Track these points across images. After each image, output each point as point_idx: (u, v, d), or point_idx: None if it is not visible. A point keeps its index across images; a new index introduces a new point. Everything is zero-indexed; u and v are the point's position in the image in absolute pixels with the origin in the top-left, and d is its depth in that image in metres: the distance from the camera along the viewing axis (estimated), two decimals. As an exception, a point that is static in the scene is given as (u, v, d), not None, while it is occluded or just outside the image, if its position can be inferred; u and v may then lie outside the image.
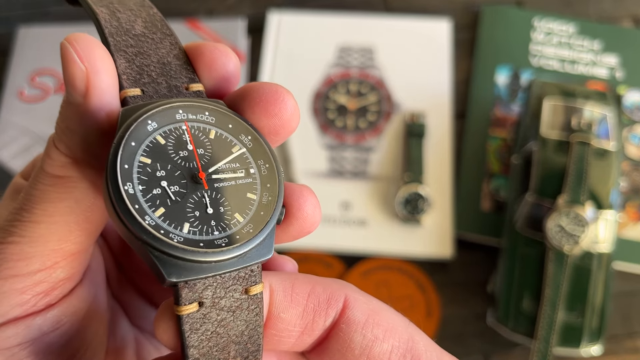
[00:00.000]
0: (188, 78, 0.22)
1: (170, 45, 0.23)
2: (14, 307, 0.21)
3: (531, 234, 0.59)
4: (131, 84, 0.21)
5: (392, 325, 0.22)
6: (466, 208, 0.68)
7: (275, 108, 0.22)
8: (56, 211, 0.21)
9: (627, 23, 0.79)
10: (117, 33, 0.22)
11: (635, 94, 0.74)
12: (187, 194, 0.20)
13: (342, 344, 0.22)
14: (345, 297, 0.22)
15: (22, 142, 0.72)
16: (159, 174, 0.20)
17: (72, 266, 0.22)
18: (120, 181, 0.19)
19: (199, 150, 0.21)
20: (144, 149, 0.20)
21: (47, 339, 0.22)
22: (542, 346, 0.56)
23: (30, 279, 0.21)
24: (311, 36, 0.78)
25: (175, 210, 0.20)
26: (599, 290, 0.58)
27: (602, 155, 0.59)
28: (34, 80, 0.75)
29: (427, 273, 0.66)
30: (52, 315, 0.22)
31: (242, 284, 0.20)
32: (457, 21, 0.79)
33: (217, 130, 0.22)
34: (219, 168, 0.21)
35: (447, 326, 0.63)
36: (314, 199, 0.23)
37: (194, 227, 0.20)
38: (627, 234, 0.66)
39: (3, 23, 0.81)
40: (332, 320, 0.22)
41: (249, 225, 0.21)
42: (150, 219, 0.19)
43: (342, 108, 0.74)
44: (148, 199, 0.19)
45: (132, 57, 0.22)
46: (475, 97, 0.74)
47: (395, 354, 0.22)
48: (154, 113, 0.20)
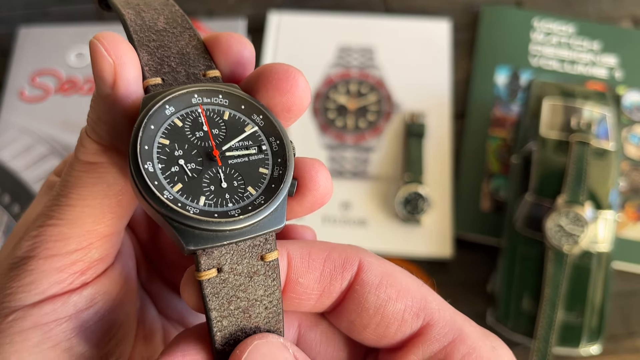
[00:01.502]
0: (205, 65, 0.24)
1: (189, 38, 0.25)
2: (52, 285, 0.23)
3: (531, 233, 0.59)
4: (153, 74, 0.23)
5: (405, 286, 0.23)
6: (466, 208, 0.68)
7: (287, 85, 0.23)
8: (90, 195, 0.23)
9: (627, 23, 0.79)
10: (141, 30, 0.24)
11: (635, 94, 0.74)
12: (203, 170, 0.22)
13: (358, 305, 0.23)
14: (359, 260, 0.24)
15: (23, 142, 0.72)
16: (176, 153, 0.22)
17: (105, 247, 0.24)
18: (141, 161, 0.21)
19: (213, 131, 0.23)
20: (162, 131, 0.22)
21: (81, 315, 0.23)
22: (542, 346, 0.56)
23: (68, 258, 0.23)
24: (311, 36, 0.78)
25: (192, 185, 0.22)
26: (598, 290, 0.58)
27: (601, 155, 0.59)
28: (34, 81, 0.75)
29: (427, 273, 0.66)
30: (87, 293, 0.24)
31: (258, 251, 0.22)
32: (456, 21, 0.79)
33: (231, 111, 0.23)
34: (232, 146, 0.23)
35: (447, 326, 0.64)
36: (325, 171, 0.24)
37: (209, 200, 0.22)
38: (627, 234, 0.66)
39: (4, 23, 0.81)
40: (347, 283, 0.23)
41: (261, 197, 0.22)
42: (168, 194, 0.21)
43: (342, 108, 0.74)
44: (167, 175, 0.22)
45: (154, 50, 0.24)
46: (475, 97, 0.74)
47: (408, 312, 0.23)
48: (171, 98, 0.22)
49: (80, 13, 0.82)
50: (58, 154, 0.71)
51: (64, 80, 0.76)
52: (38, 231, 0.23)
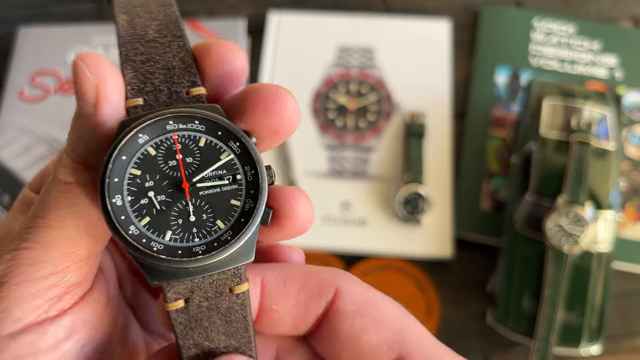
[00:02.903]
0: (190, 82, 0.23)
1: (177, 48, 0.24)
2: (27, 312, 0.22)
3: (531, 233, 0.59)
4: (134, 94, 0.23)
5: (385, 316, 0.23)
6: (466, 208, 0.68)
7: (275, 108, 0.22)
8: (67, 216, 0.22)
9: (627, 23, 0.79)
10: (130, 41, 0.23)
11: (635, 94, 0.74)
12: (172, 202, 0.22)
13: (332, 332, 0.23)
14: (337, 287, 0.23)
15: (23, 142, 0.72)
16: (147, 184, 0.22)
17: (83, 270, 0.23)
18: (108, 195, 0.21)
19: (187, 159, 0.22)
20: (135, 161, 0.22)
21: (62, 346, 0.23)
22: (542, 346, 0.56)
23: (43, 283, 0.22)
24: (311, 36, 0.78)
25: (160, 219, 0.21)
26: (598, 290, 0.58)
27: (601, 155, 0.59)
28: (34, 81, 0.75)
29: (427, 273, 0.66)
30: (65, 322, 0.23)
31: (226, 284, 0.22)
32: (456, 21, 0.79)
33: (207, 137, 0.22)
34: (204, 176, 0.22)
35: (447, 326, 0.64)
36: (306, 201, 0.23)
37: (175, 235, 0.22)
38: (627, 234, 0.66)
39: (4, 23, 0.81)
40: (323, 310, 0.23)
41: (229, 232, 0.22)
42: (134, 229, 0.21)
43: (342, 108, 0.74)
44: (135, 209, 0.21)
45: (139, 66, 0.23)
46: (475, 97, 0.74)
47: (383, 345, 0.22)
48: (145, 126, 0.22)
49: (80, 13, 0.82)
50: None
51: (63, 80, 0.76)
52: (11, 255, 0.22)
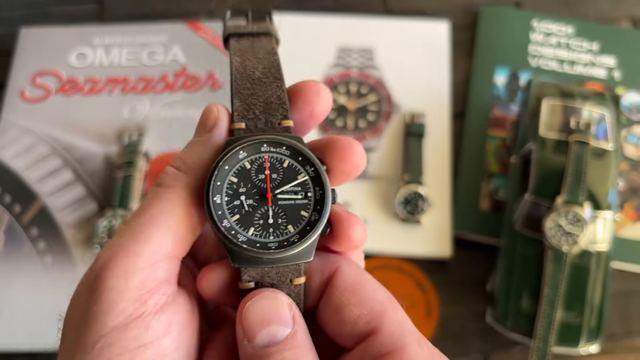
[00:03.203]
0: (282, 115, 0.29)
1: (276, 88, 0.30)
2: (129, 303, 0.25)
3: (530, 233, 0.59)
4: (239, 119, 0.29)
5: (369, 296, 0.27)
6: (465, 208, 0.69)
7: (348, 155, 0.29)
8: (159, 214, 0.26)
9: (626, 24, 0.79)
10: (241, 78, 0.30)
11: (633, 94, 0.74)
12: (257, 207, 0.28)
13: (325, 302, 0.28)
14: (337, 267, 0.28)
15: (24, 142, 0.72)
16: (241, 190, 0.28)
17: (169, 268, 0.27)
18: (212, 193, 0.27)
19: (272, 175, 0.28)
20: (234, 171, 0.28)
21: (160, 342, 0.25)
22: (541, 345, 0.56)
23: (139, 275, 0.25)
24: (311, 37, 0.78)
25: (246, 217, 0.28)
26: (597, 290, 0.58)
27: (600, 155, 0.60)
28: (35, 81, 0.76)
29: (427, 272, 0.66)
30: (163, 319, 0.26)
31: (288, 275, 0.28)
32: (456, 22, 0.79)
33: (290, 160, 0.29)
34: (284, 190, 0.28)
35: (447, 325, 0.64)
36: (358, 227, 0.29)
37: (256, 232, 0.27)
38: (625, 234, 0.67)
39: (5, 23, 0.82)
40: (322, 283, 0.28)
41: (296, 235, 0.27)
42: (227, 222, 0.27)
43: (342, 108, 0.74)
44: (229, 207, 0.28)
45: (245, 97, 0.29)
46: (474, 97, 0.74)
47: (361, 319, 0.26)
48: (245, 146, 0.28)
49: (81, 14, 0.82)
50: (59, 154, 0.71)
51: (64, 80, 0.76)
52: (111, 250, 0.25)
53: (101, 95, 0.75)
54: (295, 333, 0.26)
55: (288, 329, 0.26)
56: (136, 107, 0.74)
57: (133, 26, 0.80)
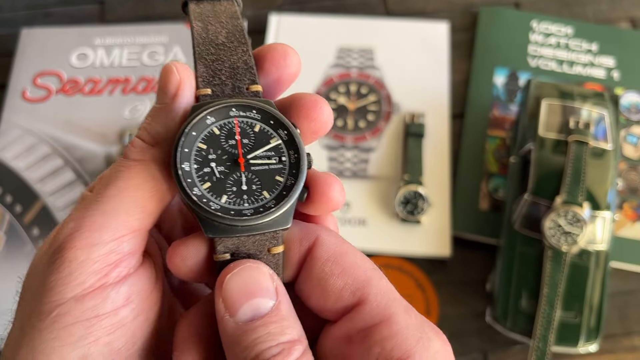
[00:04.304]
0: (250, 80, 0.28)
1: (241, 52, 0.29)
2: (89, 276, 0.24)
3: (529, 233, 0.59)
4: (204, 85, 0.27)
5: (351, 266, 0.26)
6: (465, 208, 0.69)
7: (314, 113, 0.28)
8: (126, 187, 0.25)
9: (624, 24, 0.80)
10: (203, 43, 0.28)
11: (632, 94, 0.74)
12: (229, 173, 0.26)
13: (306, 274, 0.26)
14: (317, 237, 0.27)
15: (25, 142, 0.72)
16: (210, 156, 0.26)
17: (135, 242, 0.26)
18: (180, 161, 0.26)
19: (244, 140, 0.27)
20: (202, 137, 0.26)
21: (119, 312, 0.25)
22: (540, 344, 0.57)
23: (103, 248, 0.25)
24: (311, 37, 0.79)
25: (218, 185, 0.26)
26: (596, 289, 0.58)
27: (599, 155, 0.60)
28: (36, 81, 0.76)
29: (426, 272, 0.66)
30: (123, 290, 0.25)
31: (266, 244, 0.26)
32: (455, 23, 0.79)
33: (261, 124, 0.27)
34: (256, 155, 0.27)
35: (446, 324, 0.64)
36: (337, 185, 0.27)
37: (230, 199, 0.26)
38: (624, 233, 0.67)
39: (6, 24, 0.82)
40: (303, 255, 0.27)
41: (272, 201, 0.26)
42: (197, 190, 0.26)
43: (342, 108, 0.75)
44: (199, 175, 0.26)
45: (210, 63, 0.28)
46: (473, 97, 0.75)
47: (346, 290, 0.25)
48: (213, 110, 0.26)
49: (82, 14, 0.83)
50: (59, 154, 0.72)
51: (65, 80, 0.76)
52: (76, 222, 0.25)
53: (102, 95, 0.75)
54: (279, 304, 0.25)
55: (272, 300, 0.24)
56: (137, 108, 0.74)
57: (134, 27, 0.80)
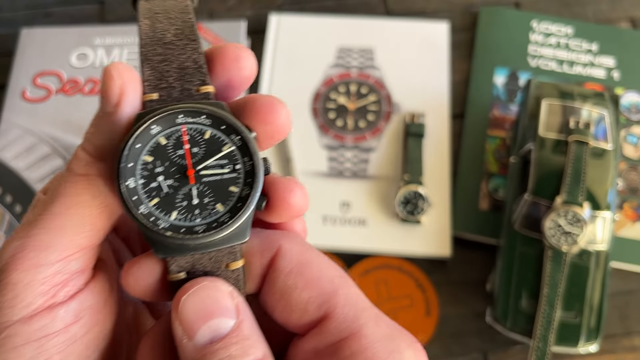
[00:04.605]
0: (200, 81, 0.26)
1: (191, 51, 0.26)
2: (36, 297, 0.23)
3: (529, 233, 0.59)
4: (151, 90, 0.25)
5: (316, 277, 0.24)
6: (465, 208, 0.69)
7: (270, 117, 0.25)
8: (74, 204, 0.24)
9: (625, 24, 0.80)
10: (150, 43, 0.26)
11: (633, 94, 0.74)
12: (179, 187, 0.25)
13: (269, 288, 0.25)
14: (278, 246, 0.25)
15: (25, 142, 0.72)
16: (157, 170, 0.25)
17: (84, 259, 0.25)
18: (124, 177, 0.24)
19: (193, 149, 0.25)
20: (148, 149, 0.25)
21: (70, 329, 0.24)
22: (540, 344, 0.57)
23: (49, 269, 0.23)
24: (311, 37, 0.78)
25: (167, 200, 0.24)
26: (596, 289, 0.58)
27: (599, 155, 0.60)
28: (36, 81, 0.76)
29: (426, 272, 0.66)
30: (72, 307, 0.24)
31: (223, 260, 0.25)
32: (455, 23, 0.79)
33: (212, 130, 0.25)
34: (207, 164, 0.25)
35: (446, 325, 0.64)
36: (299, 191, 0.26)
37: (180, 215, 0.24)
38: (624, 233, 0.67)
39: (6, 24, 0.82)
40: (264, 267, 0.25)
41: (226, 214, 0.25)
42: (144, 208, 0.24)
43: (342, 108, 0.75)
44: (146, 190, 0.24)
45: (157, 65, 0.26)
46: (473, 97, 0.75)
47: (311, 303, 0.24)
48: (158, 119, 0.24)
49: (82, 14, 0.83)
50: (59, 154, 0.72)
51: (65, 80, 0.76)
52: (21, 241, 0.23)
53: (102, 95, 0.75)
54: (240, 324, 0.23)
55: (232, 320, 0.23)
56: (137, 108, 0.74)
57: (134, 27, 0.80)
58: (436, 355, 0.63)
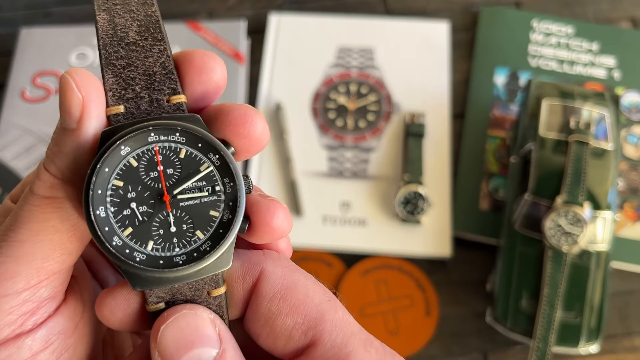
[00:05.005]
0: (170, 89, 0.23)
1: (158, 53, 0.24)
2: (2, 328, 0.22)
3: (529, 233, 0.59)
4: (115, 101, 0.23)
5: (301, 303, 0.23)
6: (465, 208, 0.69)
7: (244, 130, 0.23)
8: (41, 230, 0.22)
9: (625, 24, 0.79)
10: (110, 44, 0.23)
11: (633, 94, 0.74)
12: (154, 213, 0.22)
13: (252, 313, 0.24)
14: (261, 270, 0.24)
15: (24, 142, 0.72)
16: (129, 195, 0.22)
17: (55, 285, 0.23)
18: (92, 207, 0.21)
19: (168, 170, 0.23)
20: (117, 173, 0.22)
21: (38, 358, 0.23)
22: (541, 345, 0.56)
23: (16, 298, 0.22)
24: (311, 37, 0.78)
25: (142, 229, 0.22)
26: (597, 290, 0.58)
27: (600, 155, 0.60)
28: (35, 81, 0.76)
29: (427, 272, 0.66)
30: (40, 335, 0.23)
31: (205, 288, 0.23)
32: (456, 22, 0.79)
33: (188, 149, 0.23)
34: (185, 188, 0.23)
35: (447, 325, 0.64)
36: (281, 213, 0.24)
37: (157, 245, 0.22)
38: (625, 234, 0.67)
39: (5, 24, 0.82)
40: (247, 291, 0.24)
41: (207, 242, 0.23)
42: (118, 239, 0.22)
43: (342, 108, 0.74)
44: (118, 219, 0.22)
45: (121, 71, 0.23)
46: (474, 97, 0.75)
47: (296, 330, 0.23)
48: (127, 139, 0.22)
49: (81, 14, 0.83)
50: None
51: (65, 80, 0.76)
52: None
53: (101, 95, 0.75)
54: (223, 353, 0.22)
55: (214, 349, 0.22)
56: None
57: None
58: (436, 356, 0.63)
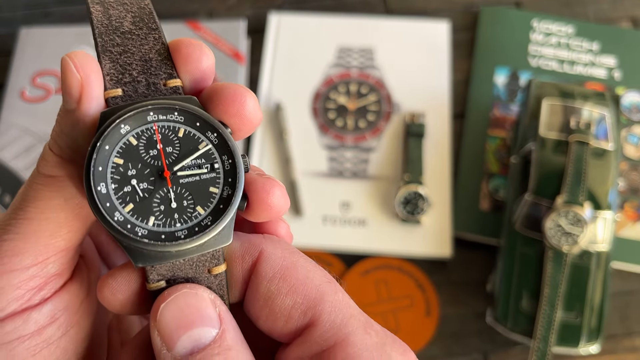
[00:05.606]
0: (167, 74, 0.24)
1: (153, 41, 0.24)
2: (10, 302, 0.23)
3: (530, 233, 0.59)
4: (113, 85, 0.23)
5: (301, 283, 0.23)
6: (465, 208, 0.69)
7: (234, 108, 0.24)
8: (47, 208, 0.23)
9: (626, 24, 0.79)
10: (106, 32, 0.24)
11: (633, 94, 0.74)
12: (155, 190, 0.23)
13: (251, 294, 0.24)
14: (260, 251, 0.24)
15: (24, 142, 0.72)
16: (130, 172, 0.23)
17: (62, 262, 0.24)
18: (93, 183, 0.22)
19: (167, 149, 0.23)
20: (117, 151, 0.23)
21: (44, 332, 0.23)
22: (541, 345, 0.56)
23: (24, 273, 0.23)
24: (311, 37, 0.78)
25: (143, 205, 0.23)
26: (597, 290, 0.58)
27: (600, 155, 0.60)
28: (35, 81, 0.76)
29: (427, 272, 0.66)
30: (46, 309, 0.23)
31: (205, 265, 0.23)
32: (456, 22, 0.79)
33: (186, 128, 0.24)
34: (184, 165, 0.23)
35: (447, 325, 0.64)
36: (278, 191, 0.24)
37: (158, 220, 0.23)
38: (625, 234, 0.67)
39: (5, 24, 0.82)
40: (246, 272, 0.24)
41: (208, 217, 0.23)
42: (119, 215, 0.22)
43: (342, 108, 0.74)
44: (119, 196, 0.22)
45: (117, 57, 0.24)
46: (474, 97, 0.74)
47: (296, 309, 0.23)
48: (127, 117, 0.22)
49: (81, 14, 0.82)
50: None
51: (64, 80, 0.76)
52: None
53: (101, 95, 0.75)
54: (223, 333, 0.22)
55: (214, 329, 0.22)
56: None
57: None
58: (436, 356, 0.63)
